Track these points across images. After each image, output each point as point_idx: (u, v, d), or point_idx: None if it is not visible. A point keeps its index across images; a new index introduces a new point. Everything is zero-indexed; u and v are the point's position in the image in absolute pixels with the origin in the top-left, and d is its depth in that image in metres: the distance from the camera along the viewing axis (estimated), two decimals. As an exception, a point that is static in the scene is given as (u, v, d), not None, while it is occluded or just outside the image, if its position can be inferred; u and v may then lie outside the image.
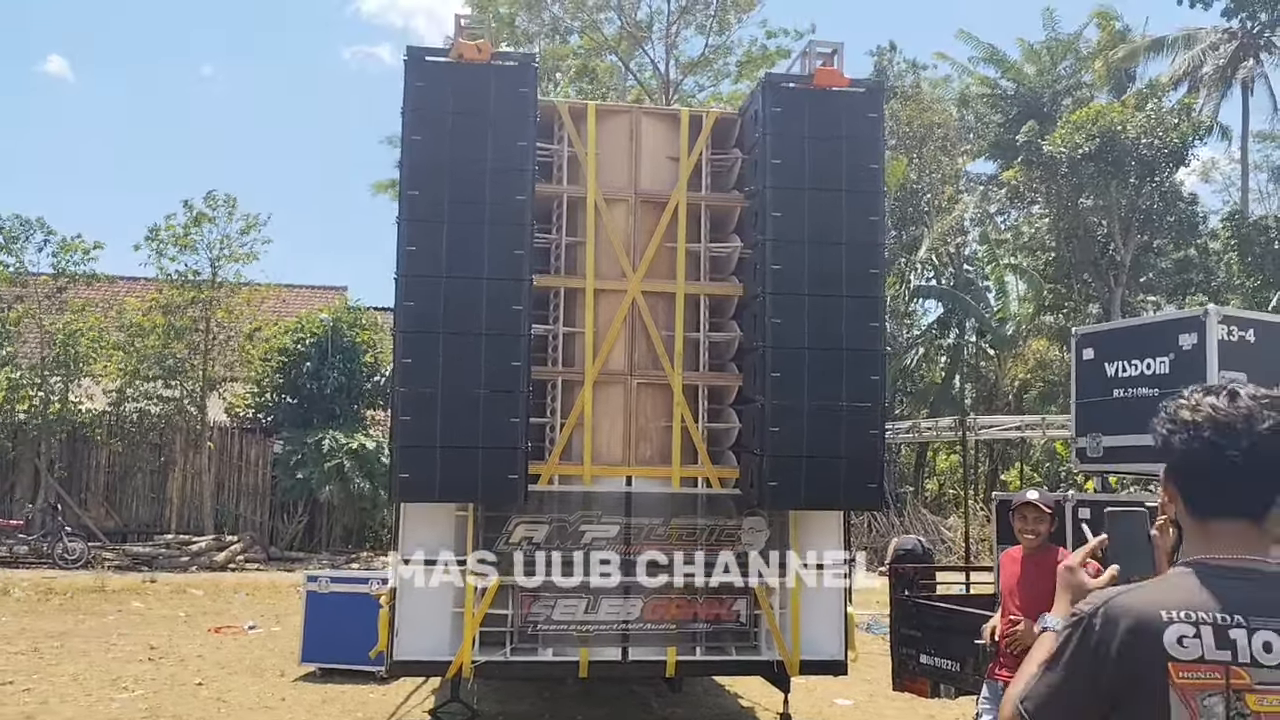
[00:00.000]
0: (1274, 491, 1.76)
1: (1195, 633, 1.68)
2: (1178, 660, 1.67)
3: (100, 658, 9.96)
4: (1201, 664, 1.67)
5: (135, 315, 20.23)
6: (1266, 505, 1.77)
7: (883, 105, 7.35)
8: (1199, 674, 1.67)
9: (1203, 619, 1.69)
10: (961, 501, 24.71)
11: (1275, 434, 1.72)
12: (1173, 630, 1.68)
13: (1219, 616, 1.69)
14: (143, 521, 20.74)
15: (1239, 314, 5.50)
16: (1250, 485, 1.76)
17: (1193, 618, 1.69)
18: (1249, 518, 1.77)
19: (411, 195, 6.75)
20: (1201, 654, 1.67)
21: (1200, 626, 1.69)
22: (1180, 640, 1.68)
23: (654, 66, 28.07)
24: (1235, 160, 37.37)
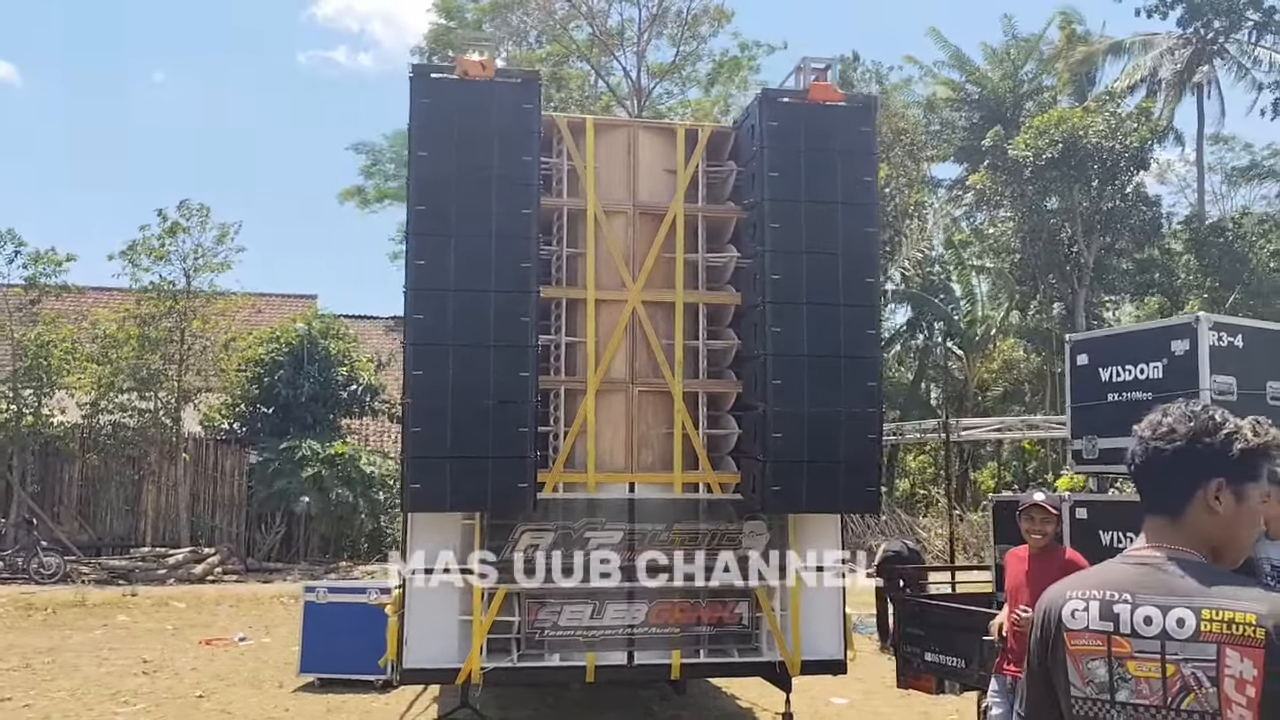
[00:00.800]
0: (1176, 487, 2.00)
1: (1085, 607, 1.98)
2: (1070, 630, 1.99)
3: (94, 672, 9.94)
4: (1086, 633, 1.97)
5: (109, 326, 20.05)
6: (1175, 501, 2.01)
7: (875, 120, 7.56)
8: (1084, 641, 1.97)
9: (1093, 596, 1.98)
10: (933, 501, 25.12)
11: (1163, 440, 2.00)
12: (1068, 606, 2.00)
13: (1108, 594, 1.97)
14: (117, 535, 20.55)
15: (1229, 320, 5.75)
16: (1157, 484, 2.04)
17: (1085, 595, 1.99)
18: (1163, 512, 2.03)
19: (419, 210, 6.87)
20: (1087, 624, 1.97)
21: (1090, 602, 1.98)
22: (1073, 614, 1.99)
23: (625, 74, 28.25)
24: (1190, 163, 38.25)
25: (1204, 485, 1.98)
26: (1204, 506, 1.98)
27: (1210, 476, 1.98)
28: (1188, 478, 1.99)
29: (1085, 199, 27.18)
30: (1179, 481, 2.00)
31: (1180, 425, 2.00)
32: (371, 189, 34.09)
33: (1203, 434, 1.99)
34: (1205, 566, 1.96)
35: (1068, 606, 2.01)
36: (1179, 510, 2.00)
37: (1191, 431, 1.99)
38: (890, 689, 9.30)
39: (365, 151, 33.79)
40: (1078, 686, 1.98)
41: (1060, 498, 5.93)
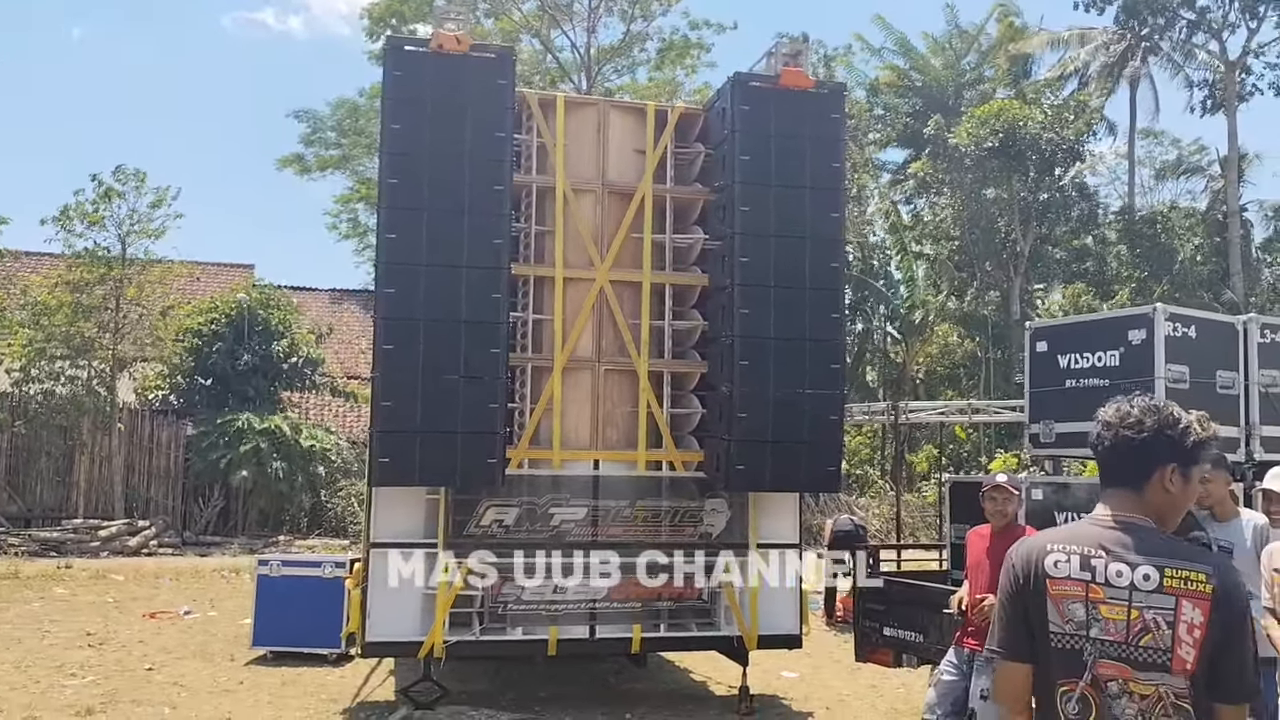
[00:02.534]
0: (1141, 468, 2.45)
1: (1067, 559, 2.42)
2: (1053, 577, 2.41)
3: (37, 645, 9.75)
4: (1069, 580, 2.40)
5: (40, 293, 19.48)
6: (1139, 478, 2.45)
7: (844, 106, 7.70)
8: (1066, 586, 2.40)
9: (1074, 550, 2.43)
10: (869, 481, 25.63)
11: (1132, 430, 2.45)
12: (1050, 557, 2.43)
13: (1085, 549, 2.41)
14: (47, 506, 20.03)
15: (1183, 312, 6.01)
16: (1125, 461, 2.46)
17: (1066, 549, 2.43)
18: (1127, 487, 2.46)
19: (391, 183, 6.84)
20: (1069, 573, 2.40)
21: (1071, 555, 2.42)
22: (1055, 564, 2.42)
23: (574, 49, 28.11)
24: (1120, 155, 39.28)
25: (1161, 468, 2.44)
26: (1160, 485, 2.44)
27: (1168, 461, 2.44)
28: (1150, 461, 2.44)
29: (1023, 189, 27.81)
30: (1142, 463, 2.44)
31: (1147, 418, 2.45)
32: (313, 157, 33.45)
33: (1165, 427, 2.44)
34: (1160, 533, 2.44)
35: (1050, 558, 2.43)
36: (1140, 486, 2.45)
37: (1157, 424, 2.44)
38: (839, 663, 9.57)
39: (306, 119, 33.14)
40: (1057, 624, 2.41)
41: (1020, 480, 6.16)
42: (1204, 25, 30.08)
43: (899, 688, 8.53)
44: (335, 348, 25.46)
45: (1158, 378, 5.68)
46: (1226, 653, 2.31)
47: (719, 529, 7.66)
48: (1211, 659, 2.30)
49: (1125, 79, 33.61)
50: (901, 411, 16.38)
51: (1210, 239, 30.43)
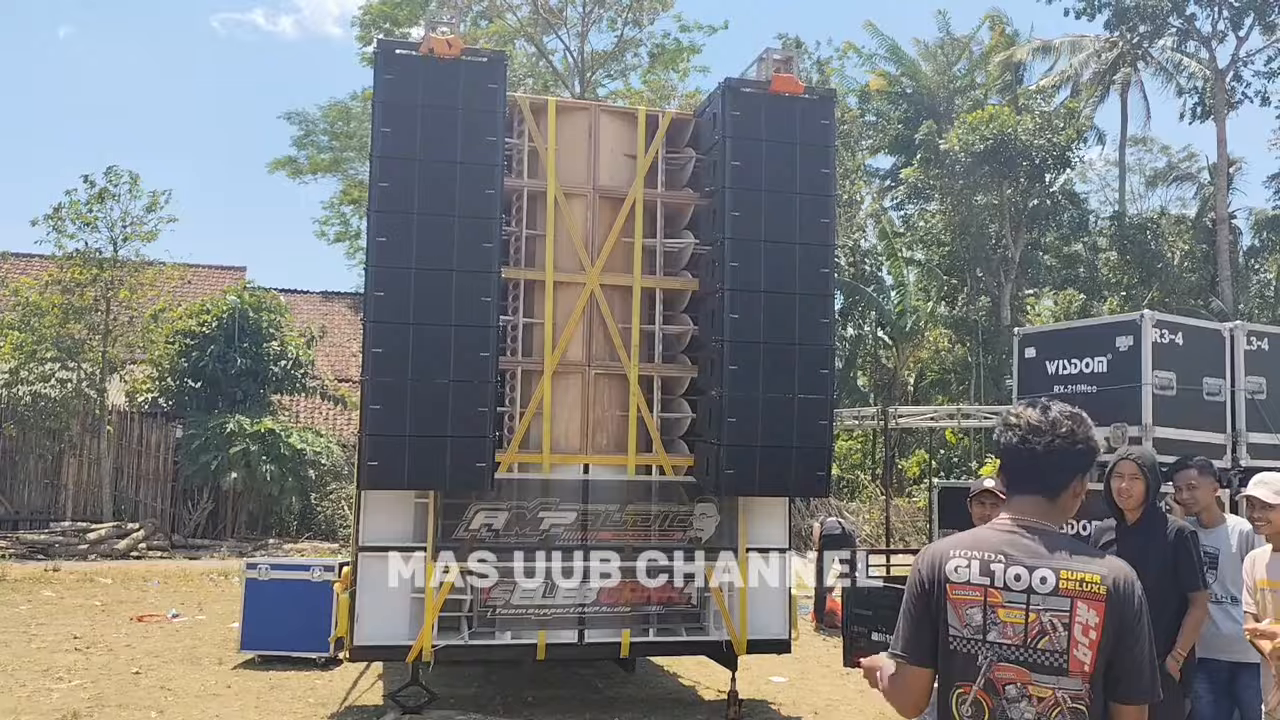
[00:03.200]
0: (1062, 477, 2.50)
1: (967, 564, 2.46)
2: (953, 582, 2.46)
3: (24, 648, 9.70)
4: (968, 585, 2.45)
5: (30, 294, 19.40)
6: (1057, 486, 2.51)
7: (834, 112, 7.72)
8: (966, 592, 2.45)
9: (974, 555, 2.47)
10: (860, 486, 25.66)
11: (1064, 439, 2.49)
12: (951, 562, 2.48)
13: (985, 554, 2.46)
14: (35, 508, 19.96)
15: (1170, 319, 6.03)
16: (1040, 469, 2.50)
17: (968, 554, 2.48)
18: (1042, 494, 2.51)
19: (382, 186, 6.84)
20: (968, 578, 2.45)
21: (971, 560, 2.46)
22: (955, 569, 2.47)
23: (568, 53, 28.14)
24: (1110, 162, 39.47)
25: (1079, 477, 2.51)
26: (1072, 494, 2.52)
27: (1084, 471, 2.52)
28: (1070, 470, 2.51)
29: (1014, 195, 27.89)
30: (1064, 472, 2.50)
31: (1078, 428, 2.52)
32: (305, 160, 33.41)
33: (1088, 438, 2.52)
34: (1062, 536, 2.49)
35: (951, 563, 2.49)
36: (1056, 494, 2.51)
37: (1085, 434, 2.52)
38: (827, 668, 9.59)
39: (298, 121, 33.10)
40: (956, 628, 2.47)
41: (1007, 485, 6.17)
42: (1193, 34, 30.21)
43: (888, 693, 8.55)
44: (326, 350, 25.41)
45: (1145, 384, 5.70)
46: (1123, 652, 2.36)
47: (709, 533, 7.67)
48: (1109, 659, 2.36)
49: (1116, 86, 33.79)
50: (892, 416, 16.41)
51: (1199, 246, 30.57)
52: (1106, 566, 2.40)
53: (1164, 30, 30.43)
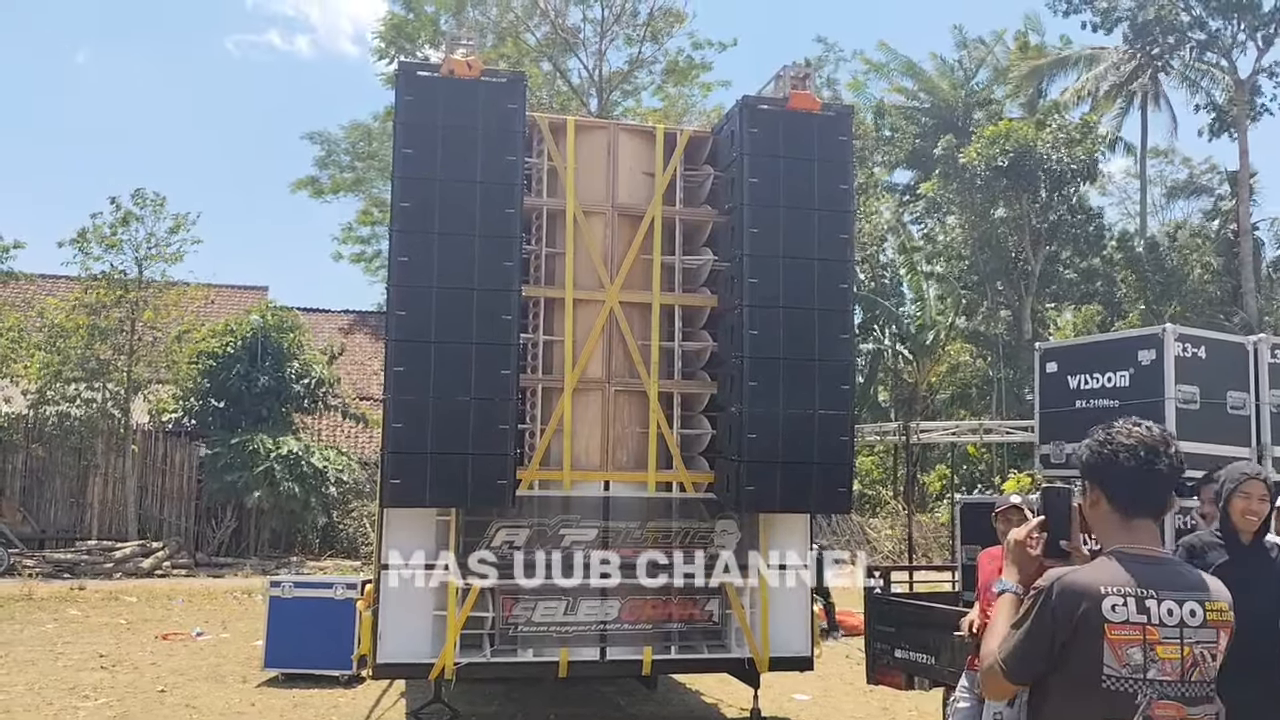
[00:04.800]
0: (1167, 500, 2.53)
1: (1124, 603, 2.40)
2: (1111, 622, 2.39)
3: (50, 667, 9.79)
4: (1127, 625, 2.40)
5: (57, 315, 19.64)
6: (1166, 506, 2.55)
7: (851, 128, 7.74)
8: (1126, 631, 2.40)
9: (1129, 593, 2.41)
10: (881, 502, 25.53)
11: (1178, 458, 2.51)
12: (1108, 600, 2.40)
13: (1139, 590, 2.42)
14: (61, 527, 20.17)
15: (1193, 332, 6.00)
16: (1161, 491, 2.51)
17: (1122, 591, 2.41)
18: (1155, 516, 2.53)
19: (403, 207, 6.90)
20: (1127, 617, 2.40)
21: (1127, 599, 2.41)
22: (1113, 607, 2.40)
23: (587, 72, 28.31)
24: (1131, 175, 39.28)
25: (1172, 499, 2.56)
26: (1168, 515, 2.57)
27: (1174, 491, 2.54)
28: (1170, 492, 2.53)
29: (1033, 209, 27.81)
30: (1168, 494, 2.52)
31: (1173, 447, 2.52)
32: (327, 179, 33.71)
33: (1181, 460, 2.52)
34: (1185, 564, 2.56)
35: (1107, 601, 2.41)
36: (1160, 517, 2.55)
37: (1181, 457, 2.52)
38: (850, 685, 9.53)
39: (320, 142, 33.42)
40: (1113, 668, 2.40)
41: (1033, 501, 6.15)
42: (1213, 45, 30.08)
43: (911, 710, 8.49)
44: (347, 369, 25.57)
45: (1168, 398, 5.67)
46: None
47: (730, 550, 7.65)
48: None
49: (1136, 99, 33.67)
50: (913, 431, 16.34)
51: (1220, 258, 30.36)
52: (1225, 593, 2.49)
53: (1183, 42, 30.31)
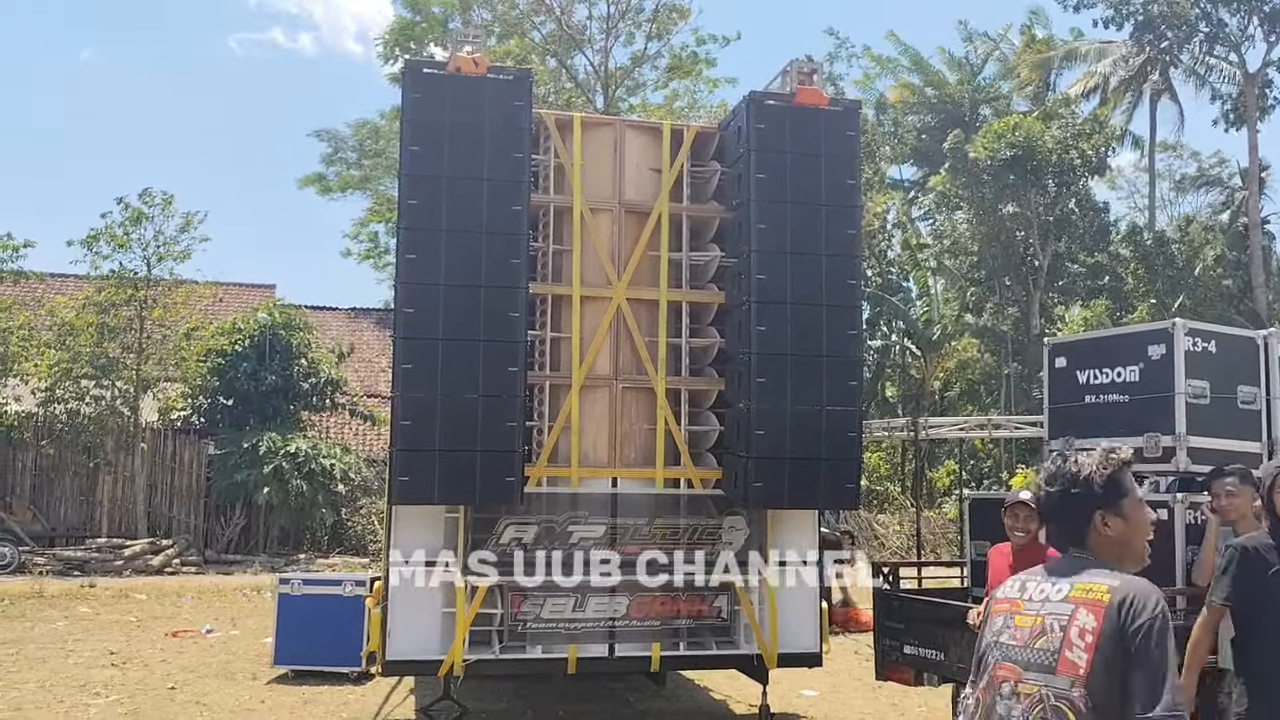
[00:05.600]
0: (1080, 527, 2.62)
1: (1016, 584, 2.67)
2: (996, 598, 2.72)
3: (62, 664, 9.83)
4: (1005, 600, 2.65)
5: (67, 314, 19.71)
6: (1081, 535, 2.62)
7: (859, 124, 7.72)
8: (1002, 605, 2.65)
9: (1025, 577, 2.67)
10: (889, 498, 25.50)
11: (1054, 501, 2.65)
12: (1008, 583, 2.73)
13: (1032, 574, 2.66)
14: (71, 525, 20.23)
15: (1203, 327, 5.97)
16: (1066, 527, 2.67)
17: (1022, 577, 2.69)
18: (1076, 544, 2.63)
19: (411, 204, 6.90)
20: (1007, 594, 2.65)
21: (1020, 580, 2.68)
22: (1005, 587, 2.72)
23: (592, 68, 28.29)
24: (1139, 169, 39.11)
25: (1092, 518, 2.57)
26: (1099, 533, 2.57)
27: (1093, 511, 2.57)
28: (1081, 516, 2.59)
29: (1042, 203, 27.72)
30: (1076, 522, 2.60)
31: (1053, 486, 2.63)
32: (334, 177, 33.75)
33: (1071, 485, 2.59)
34: (1104, 563, 2.56)
35: (1008, 586, 2.70)
36: (1082, 541, 2.60)
37: (1065, 485, 2.60)
38: (859, 681, 9.53)
39: (327, 139, 33.46)
40: (986, 637, 2.67)
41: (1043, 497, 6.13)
42: (1222, 38, 29.94)
43: (920, 706, 8.49)
44: (355, 366, 25.61)
45: (1178, 393, 5.65)
46: (1129, 671, 2.37)
47: (738, 546, 7.65)
48: (1118, 672, 2.39)
49: (1145, 93, 33.53)
50: (921, 427, 16.31)
51: (1230, 252, 30.22)
52: (1119, 581, 2.47)
53: (1192, 35, 30.18)
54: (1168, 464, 5.77)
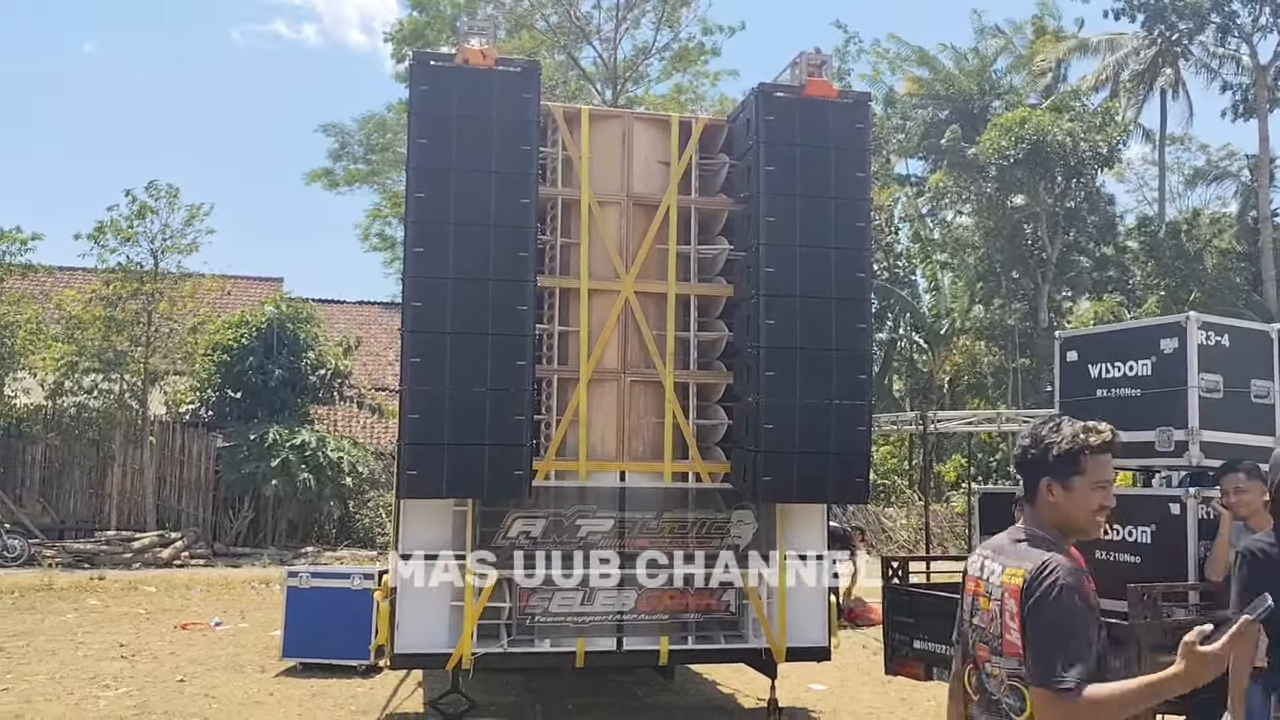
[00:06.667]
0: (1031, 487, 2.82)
1: (978, 560, 2.90)
2: (969, 575, 2.93)
3: (71, 656, 9.86)
4: (971, 578, 2.89)
5: (74, 308, 19.75)
6: (1031, 494, 2.83)
7: (869, 116, 7.68)
8: (970, 584, 2.90)
9: (984, 554, 2.88)
10: (897, 492, 25.46)
11: (1021, 456, 2.86)
12: (973, 560, 2.94)
13: (988, 553, 2.86)
14: (80, 518, 20.29)
15: (1216, 320, 5.92)
16: (1024, 482, 2.87)
17: (981, 553, 2.90)
18: (1029, 502, 2.84)
19: (418, 197, 6.87)
20: (973, 573, 2.89)
21: (981, 558, 2.89)
22: (971, 564, 2.93)
23: (601, 61, 28.23)
24: (1149, 162, 38.93)
25: (1040, 482, 2.77)
26: (1045, 499, 2.76)
27: (1041, 476, 2.76)
28: (1032, 478, 2.79)
29: (1050, 196, 27.60)
30: (1030, 481, 2.81)
31: (1024, 440, 2.84)
32: (342, 172, 33.76)
33: (1031, 447, 2.80)
34: (1038, 538, 2.75)
35: (973, 560, 2.93)
36: (1032, 500, 2.81)
37: (1026, 445, 2.82)
38: (867, 675, 9.51)
39: (334, 133, 33.47)
40: (964, 611, 2.92)
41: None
42: (1233, 30, 29.76)
43: (929, 700, 8.46)
44: (363, 360, 25.63)
45: (1191, 387, 5.60)
46: (1028, 640, 2.63)
47: (746, 540, 7.63)
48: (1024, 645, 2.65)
49: (1156, 85, 33.36)
50: (929, 421, 16.26)
51: (1240, 245, 30.08)
52: (1033, 562, 2.68)
53: (1204, 26, 30.01)
54: (1180, 458, 5.73)
